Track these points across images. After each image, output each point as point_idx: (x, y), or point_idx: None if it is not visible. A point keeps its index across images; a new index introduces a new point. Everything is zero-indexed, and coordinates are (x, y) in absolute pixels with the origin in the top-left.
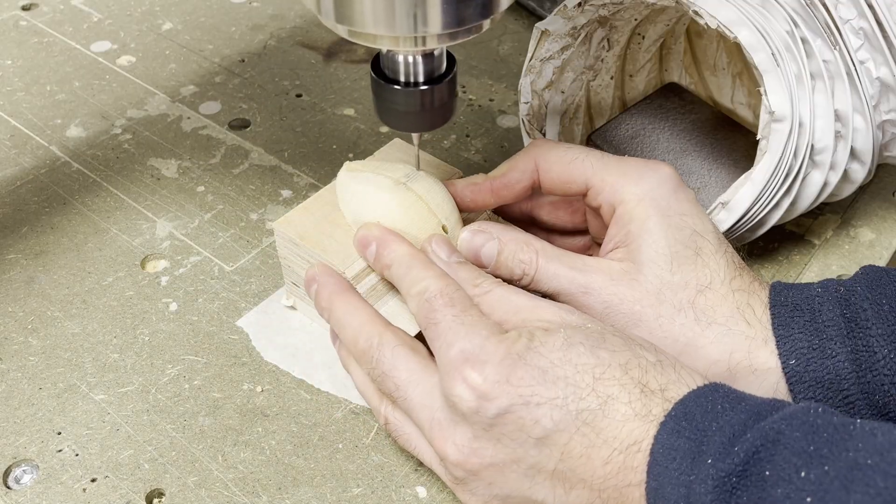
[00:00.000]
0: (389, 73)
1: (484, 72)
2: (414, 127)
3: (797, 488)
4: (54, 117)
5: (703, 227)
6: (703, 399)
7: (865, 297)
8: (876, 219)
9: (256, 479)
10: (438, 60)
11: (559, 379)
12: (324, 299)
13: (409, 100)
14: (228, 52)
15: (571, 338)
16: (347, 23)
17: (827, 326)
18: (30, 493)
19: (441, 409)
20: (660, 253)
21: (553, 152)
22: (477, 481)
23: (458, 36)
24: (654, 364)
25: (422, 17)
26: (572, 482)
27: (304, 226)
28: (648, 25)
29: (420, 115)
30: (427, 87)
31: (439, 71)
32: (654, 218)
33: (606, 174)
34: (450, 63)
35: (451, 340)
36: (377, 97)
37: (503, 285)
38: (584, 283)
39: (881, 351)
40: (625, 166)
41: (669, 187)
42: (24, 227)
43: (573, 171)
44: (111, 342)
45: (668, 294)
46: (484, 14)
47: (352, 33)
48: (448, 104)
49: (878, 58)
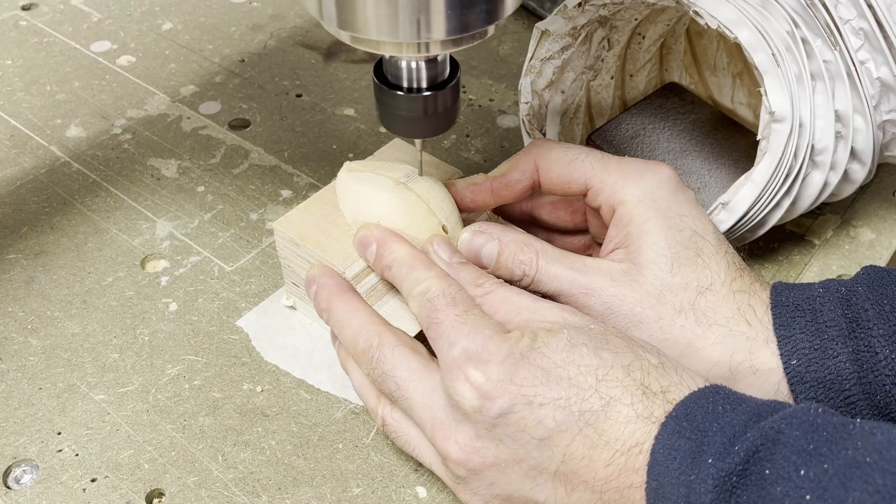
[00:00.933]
0: (392, 79)
1: (484, 72)
2: (417, 133)
3: (796, 486)
4: (54, 117)
5: (703, 227)
6: (704, 400)
7: (867, 298)
8: (876, 219)
9: (256, 479)
10: (442, 66)
11: (562, 379)
12: (323, 300)
13: (412, 105)
14: (228, 52)
15: (574, 339)
16: (350, 28)
17: (829, 327)
18: (30, 493)
19: (443, 408)
20: (660, 254)
21: (553, 152)
22: (479, 481)
23: (463, 42)
24: (656, 366)
25: (425, 23)
26: (574, 484)
27: (304, 226)
28: (649, 25)
29: (423, 120)
30: (430, 92)
31: (443, 76)
32: (654, 219)
33: (606, 175)
34: (453, 68)
35: (453, 339)
36: (379, 102)
37: (505, 286)
38: (585, 284)
39: (882, 351)
40: (625, 167)
41: (669, 188)
42: (24, 227)
43: (573, 171)
44: (111, 342)
45: (669, 296)
46: (488, 20)
47: (354, 39)
48: (451, 110)
49: (879, 58)
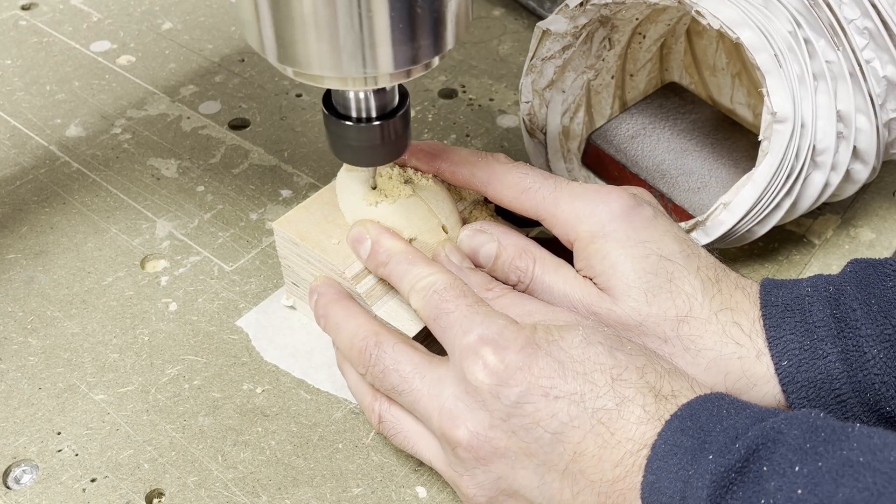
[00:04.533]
0: (341, 109)
1: (484, 72)
2: (368, 161)
3: (790, 481)
4: (54, 117)
5: (667, 249)
6: (710, 403)
7: (855, 298)
8: (876, 218)
9: (256, 479)
10: (390, 95)
11: (578, 375)
12: (321, 307)
13: (362, 136)
14: (228, 52)
15: (590, 337)
16: (292, 64)
17: (818, 327)
18: (30, 493)
19: (452, 396)
20: (631, 286)
21: (508, 177)
22: (486, 473)
23: (407, 75)
24: (668, 370)
25: (370, 57)
26: (581, 485)
27: (304, 226)
28: (649, 25)
29: (374, 149)
30: (380, 122)
31: (392, 105)
32: (614, 253)
33: (556, 210)
34: (402, 96)
35: (467, 328)
36: (329, 132)
37: (515, 292)
38: (574, 302)
39: (871, 351)
40: (575, 200)
41: (622, 218)
42: (23, 226)
43: (525, 200)
44: (111, 342)
45: (651, 326)
46: (435, 52)
47: (298, 74)
48: (402, 137)
49: (884, 56)
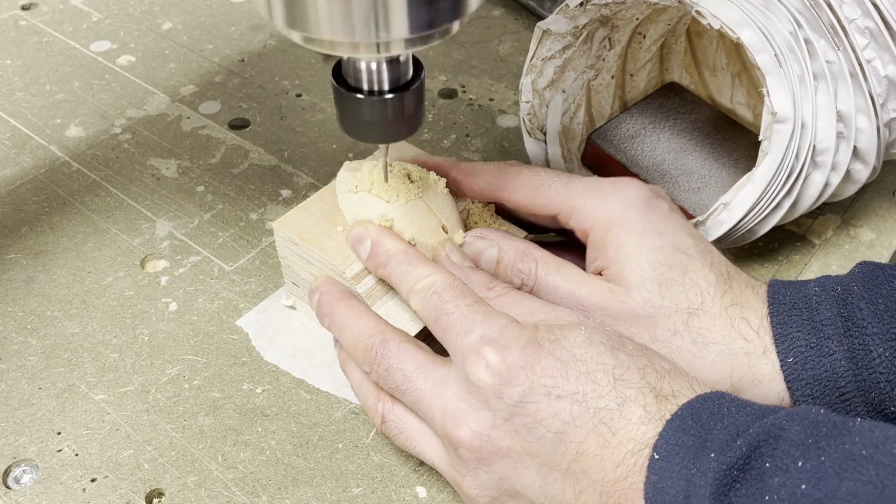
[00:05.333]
0: (352, 81)
1: (484, 72)
2: (379, 138)
3: (793, 476)
4: (54, 117)
5: (682, 242)
6: (710, 402)
7: (862, 297)
8: (876, 218)
9: (256, 479)
10: (404, 66)
11: (581, 374)
12: (325, 305)
13: (374, 109)
14: (228, 52)
15: (592, 337)
16: (301, 28)
17: (824, 325)
18: (29, 493)
19: (455, 397)
20: (645, 277)
21: (521, 176)
22: (488, 473)
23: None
24: (668, 371)
25: (383, 21)
26: (583, 485)
27: (304, 226)
28: (650, 25)
29: (386, 125)
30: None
31: (405, 78)
32: (630, 242)
33: (573, 200)
34: (416, 68)
35: (468, 327)
36: (339, 107)
37: (516, 290)
38: (581, 299)
39: (877, 349)
40: (592, 190)
41: (639, 207)
42: (23, 227)
43: (539, 196)
44: (111, 342)
45: (662, 318)
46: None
47: (307, 40)
48: (416, 113)
49: (885, 56)
